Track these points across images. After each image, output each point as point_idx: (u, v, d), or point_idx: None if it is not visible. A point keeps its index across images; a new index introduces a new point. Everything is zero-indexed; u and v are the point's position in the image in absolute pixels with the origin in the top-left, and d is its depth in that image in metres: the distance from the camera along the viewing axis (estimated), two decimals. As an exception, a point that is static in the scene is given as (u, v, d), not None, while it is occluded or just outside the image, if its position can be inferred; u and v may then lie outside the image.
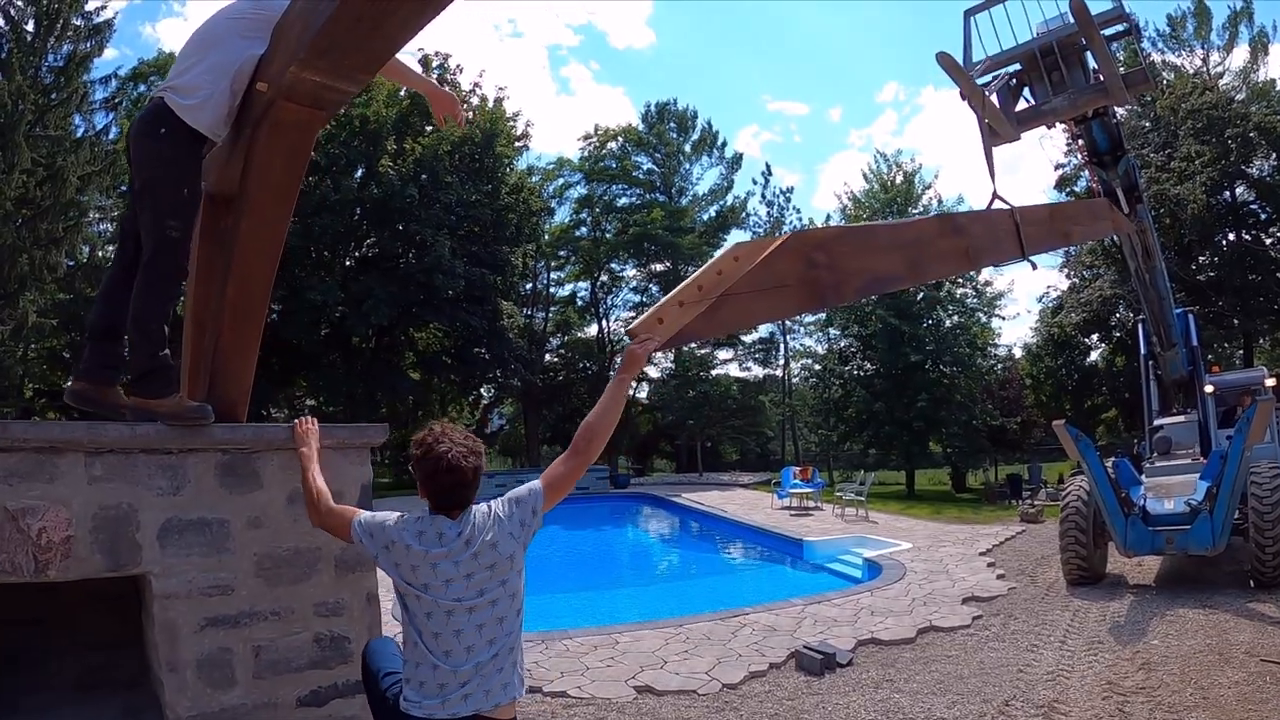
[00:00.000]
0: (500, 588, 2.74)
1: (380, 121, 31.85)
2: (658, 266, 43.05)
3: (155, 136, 3.64)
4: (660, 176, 44.20)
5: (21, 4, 26.75)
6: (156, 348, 3.65)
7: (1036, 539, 14.90)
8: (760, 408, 43.62)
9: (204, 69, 3.66)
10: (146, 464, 3.46)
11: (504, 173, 35.66)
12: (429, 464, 2.79)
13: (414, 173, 31.46)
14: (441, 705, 2.65)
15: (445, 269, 30.55)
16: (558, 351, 45.31)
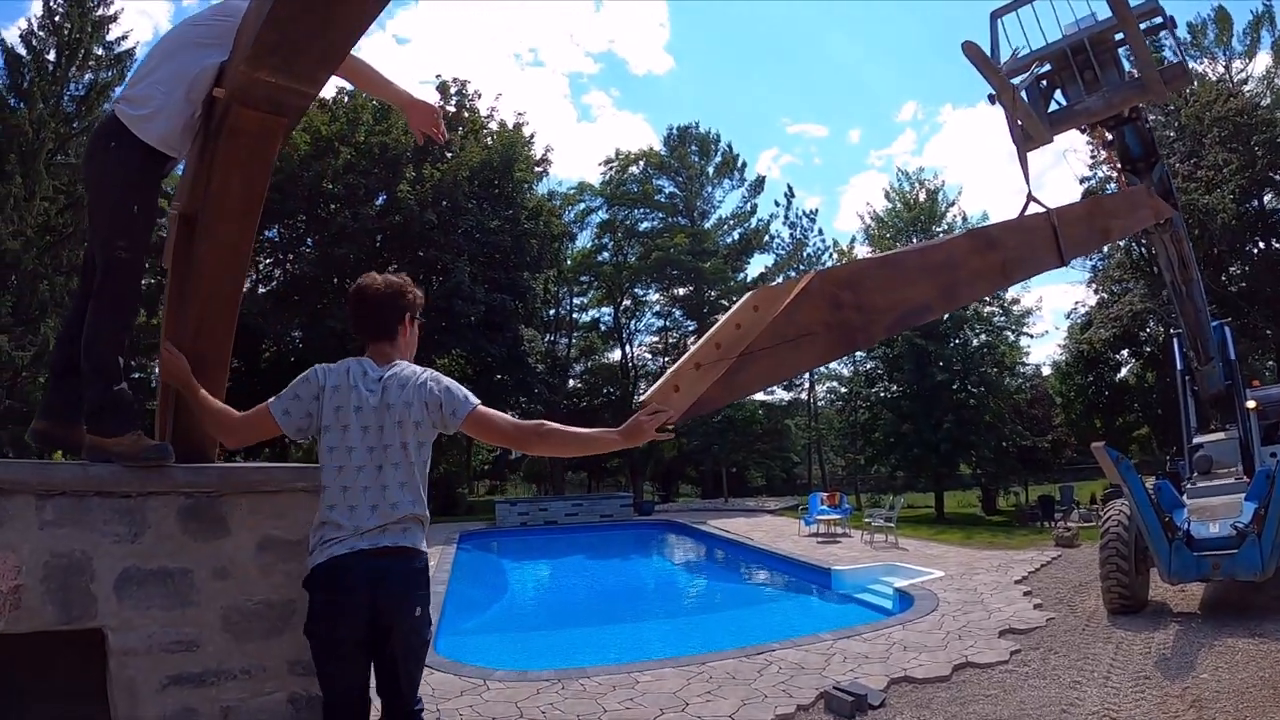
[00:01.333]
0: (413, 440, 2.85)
1: (399, 148, 31.91)
2: (681, 291, 43.00)
3: (104, 151, 3.41)
4: (682, 200, 44.04)
5: (44, 34, 27.13)
6: (110, 380, 3.36)
7: (1073, 565, 14.40)
8: (786, 432, 43.13)
9: (157, 79, 3.43)
10: (102, 508, 3.15)
11: (524, 197, 35.75)
12: (349, 301, 3.06)
13: (433, 199, 31.53)
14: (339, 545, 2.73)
15: (465, 295, 30.60)
16: (581, 377, 45.19)
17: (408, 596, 2.80)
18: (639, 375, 43.80)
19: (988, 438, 26.94)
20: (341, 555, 2.71)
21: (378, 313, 2.96)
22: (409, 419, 2.80)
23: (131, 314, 3.54)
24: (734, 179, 45.61)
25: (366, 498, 2.76)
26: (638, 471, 41.15)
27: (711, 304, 42.32)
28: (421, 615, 2.84)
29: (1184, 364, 13.22)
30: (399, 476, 2.81)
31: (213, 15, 3.56)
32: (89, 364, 3.35)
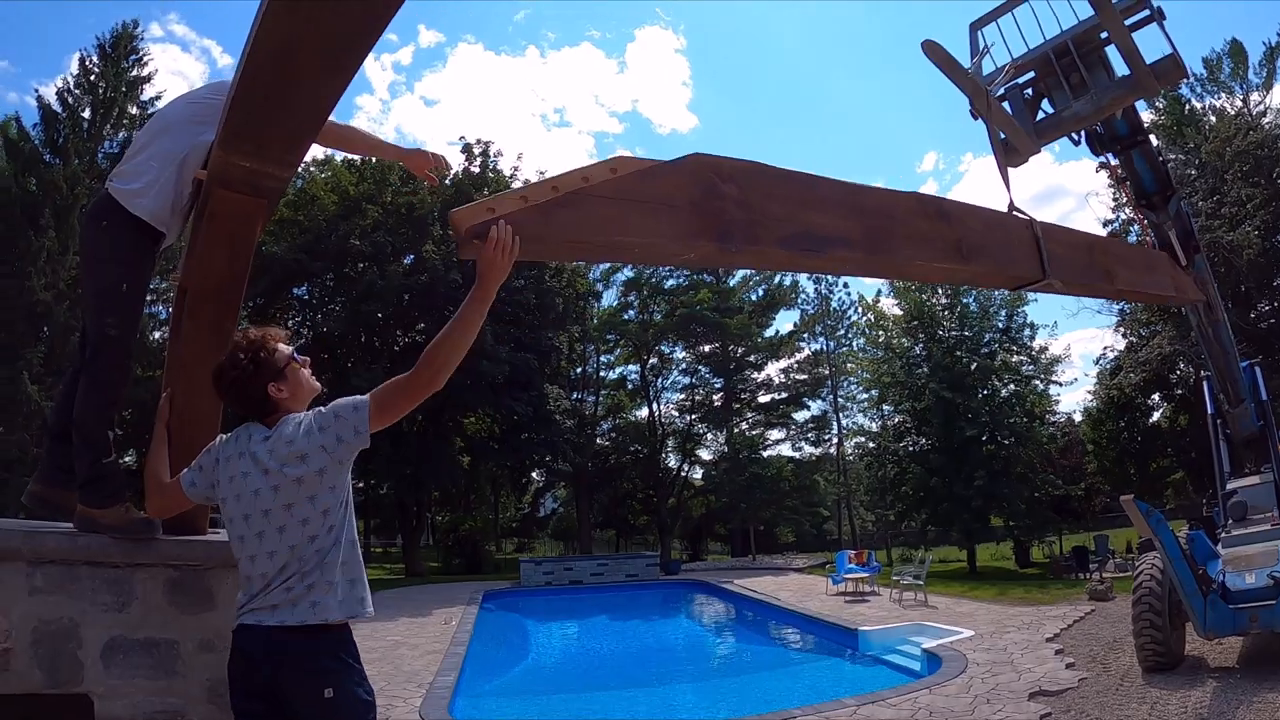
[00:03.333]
0: (308, 504, 2.58)
1: (425, 209, 32.44)
2: (706, 348, 42.94)
3: (96, 228, 3.48)
4: (707, 257, 44.04)
5: (79, 92, 27.84)
6: (99, 454, 3.40)
7: (1107, 619, 14.05)
8: (815, 488, 42.83)
9: (149, 154, 3.50)
10: (90, 577, 3.21)
11: None
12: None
13: (458, 258, 31.68)
14: (250, 614, 2.57)
15: (489, 355, 30.63)
16: (609, 435, 44.92)
17: (315, 675, 2.55)
18: (667, 432, 43.65)
19: (1020, 489, 26.48)
20: (248, 625, 2.58)
21: (240, 395, 2.73)
22: (307, 472, 2.58)
23: (120, 390, 3.55)
24: (759, 234, 45.61)
25: (269, 567, 2.56)
26: (665, 529, 40.88)
27: (738, 360, 42.35)
28: (337, 697, 2.56)
29: (1215, 407, 12.91)
30: (301, 540, 2.56)
31: (208, 93, 3.64)
32: (79, 437, 3.38)
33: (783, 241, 3.40)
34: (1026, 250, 4.46)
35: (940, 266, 4.03)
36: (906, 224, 3.87)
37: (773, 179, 3.45)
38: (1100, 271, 5.16)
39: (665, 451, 43.46)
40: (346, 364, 32.67)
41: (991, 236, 4.31)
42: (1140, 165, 8.76)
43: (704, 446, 43.93)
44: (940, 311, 29.31)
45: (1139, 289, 5.95)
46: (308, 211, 33.42)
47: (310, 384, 2.89)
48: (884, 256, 3.83)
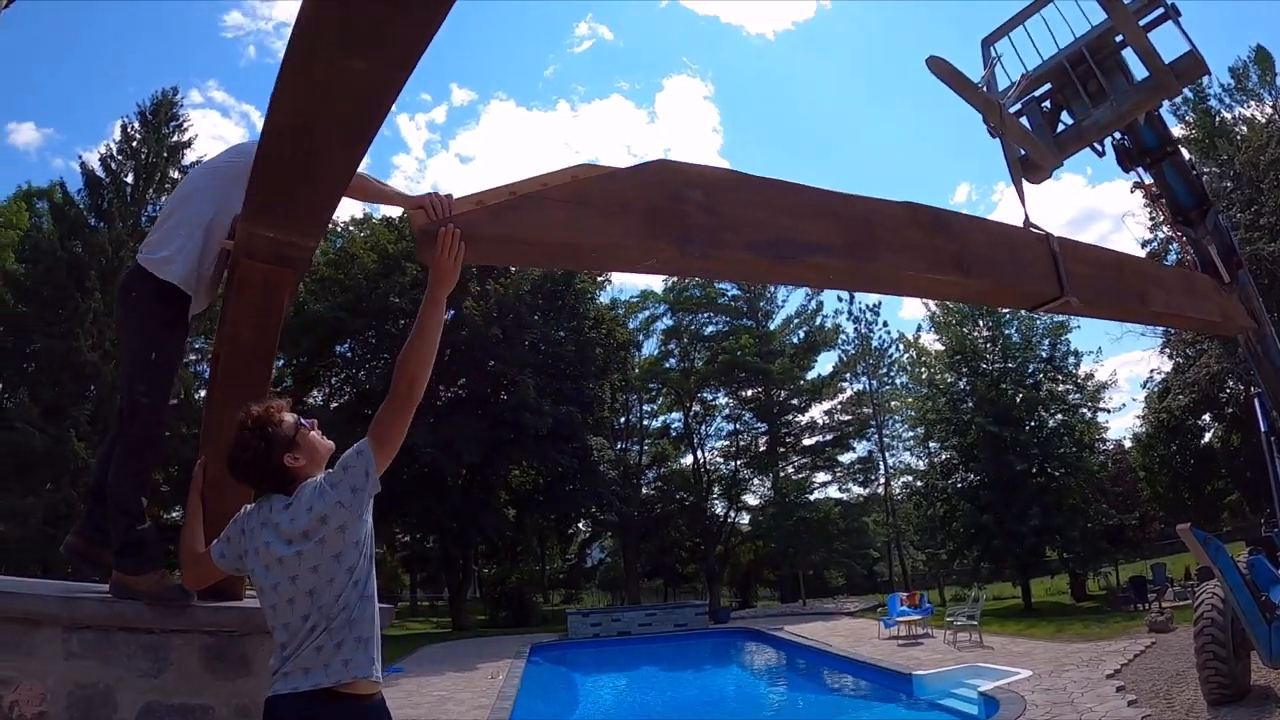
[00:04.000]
0: (334, 563, 2.59)
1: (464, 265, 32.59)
2: (749, 393, 42.81)
3: (127, 300, 3.58)
4: (746, 302, 44.13)
5: (122, 158, 28.60)
6: (133, 520, 3.43)
7: (1169, 651, 13.63)
8: (863, 529, 42.24)
9: (175, 222, 3.58)
10: (126, 643, 3.22)
11: (586, 308, 36.25)
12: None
13: (497, 313, 32.12)
14: (283, 680, 2.55)
15: (532, 407, 30.83)
16: (654, 484, 44.80)
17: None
18: (712, 479, 43.45)
19: (1073, 520, 25.94)
20: (280, 695, 2.56)
21: (259, 474, 2.73)
22: (329, 532, 2.59)
23: (152, 457, 3.60)
24: (797, 278, 45.49)
25: (300, 630, 2.55)
26: (714, 577, 40.55)
27: (781, 404, 42.14)
28: None
29: (1268, 425, 12.51)
30: (329, 600, 2.57)
31: (228, 157, 3.75)
32: (113, 504, 3.43)
33: (751, 246, 3.31)
34: (1041, 266, 4.26)
35: (935, 278, 3.86)
36: (896, 233, 3.73)
37: (743, 186, 3.39)
38: (1131, 293, 4.85)
39: (711, 498, 43.24)
40: (390, 418, 32.84)
41: (998, 251, 4.14)
42: (1173, 178, 8.46)
43: (750, 492, 43.70)
44: (982, 344, 29.01)
45: (1178, 313, 5.55)
46: (348, 270, 33.94)
47: (324, 445, 2.88)
48: (868, 265, 3.67)
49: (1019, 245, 4.28)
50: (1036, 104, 7.35)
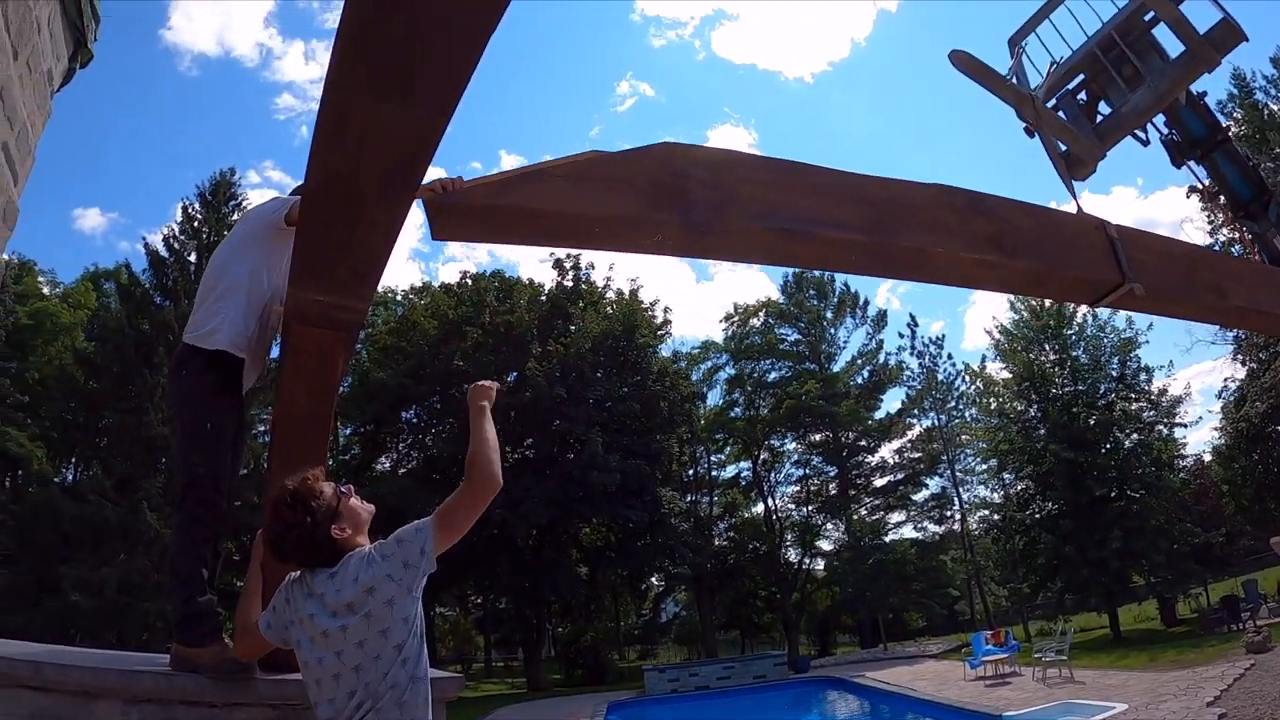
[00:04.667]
0: (380, 639, 2.50)
1: (523, 326, 33.26)
2: (817, 437, 42.35)
3: (178, 378, 3.71)
4: (807, 346, 44.01)
5: (184, 238, 29.47)
6: (192, 591, 3.43)
7: (1269, 672, 13.10)
8: (941, 568, 41.36)
9: (212, 299, 3.69)
10: (187, 717, 3.19)
11: (649, 362, 36.43)
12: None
13: (560, 373, 32.41)
14: None
15: (600, 465, 30.96)
16: (726, 534, 44.43)
17: None
18: (785, 526, 42.99)
19: (1157, 542, 25.18)
20: None
21: (308, 551, 2.64)
22: (376, 605, 2.52)
23: (211, 527, 3.59)
24: (856, 317, 45.22)
25: (346, 707, 2.50)
26: (791, 626, 39.96)
27: (850, 446, 41.66)
28: None
29: None
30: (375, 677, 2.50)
31: (242, 229, 3.95)
32: (171, 575, 3.53)
33: (759, 218, 3.17)
34: (1098, 253, 3.89)
35: (973, 258, 3.56)
36: (924, 212, 3.49)
37: (750, 164, 3.28)
38: (1206, 287, 4.37)
39: (785, 546, 42.75)
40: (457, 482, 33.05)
41: (1046, 235, 3.82)
42: (1227, 169, 8.00)
43: (824, 537, 43.16)
44: (1050, 369, 28.47)
45: (1263, 309, 4.78)
46: (410, 337, 34.72)
47: (365, 510, 2.82)
48: (892, 243, 3.40)
49: (1071, 230, 3.97)
50: (1071, 96, 7.08)
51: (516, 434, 33.65)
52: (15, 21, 5.58)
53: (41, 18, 6.15)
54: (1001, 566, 32.82)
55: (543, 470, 32.36)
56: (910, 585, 38.71)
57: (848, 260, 3.60)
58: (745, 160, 3.27)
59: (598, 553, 36.55)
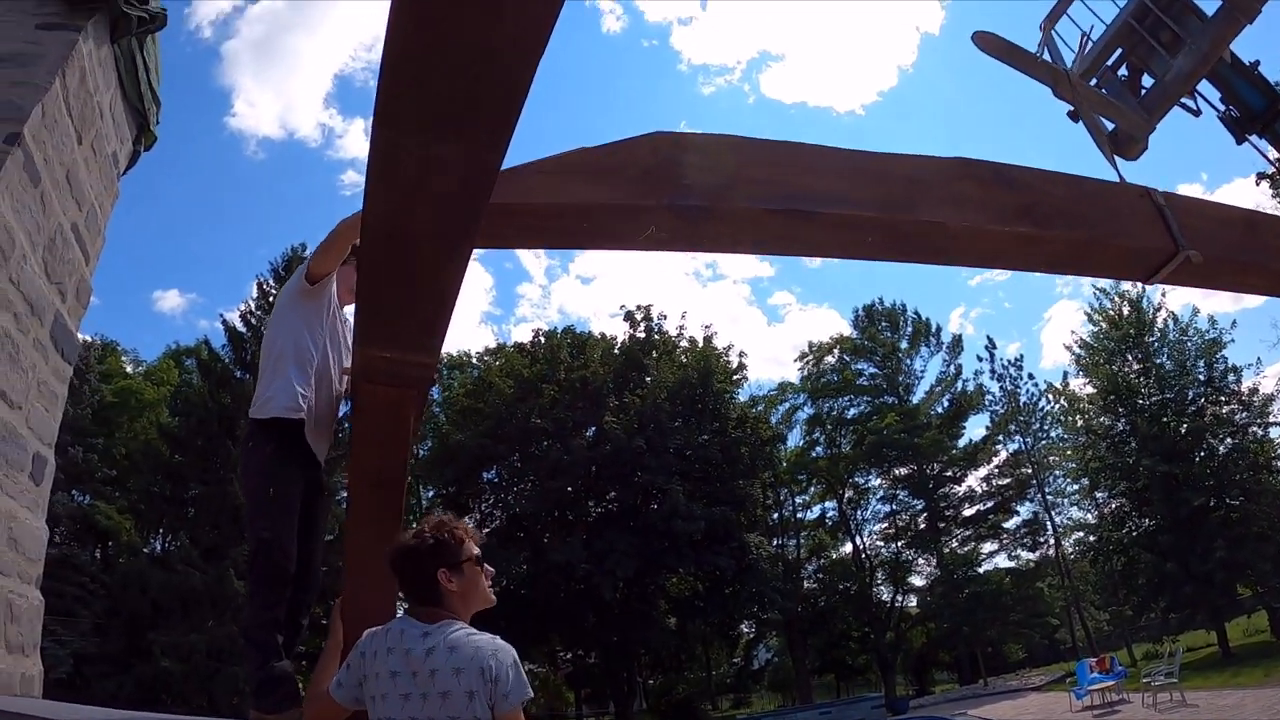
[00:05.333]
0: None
1: (599, 381, 33.57)
2: (901, 471, 41.65)
3: (245, 451, 3.90)
4: (884, 379, 43.70)
5: (260, 312, 30.47)
6: (267, 657, 3.48)
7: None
8: (1039, 596, 40.13)
9: (267, 372, 3.90)
10: (261, 780, 3.26)
11: (726, 408, 36.63)
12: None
13: (638, 424, 32.68)
14: None
15: (683, 514, 31.25)
16: (814, 576, 44.09)
17: None
18: (874, 564, 42.36)
19: (1262, 550, 24.45)
20: None
21: (411, 573, 2.64)
22: (458, 688, 2.41)
23: (280, 591, 3.65)
24: (931, 346, 44.76)
25: None
26: (887, 666, 39.23)
27: (935, 478, 40.88)
28: None
29: None
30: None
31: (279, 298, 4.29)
32: (245, 641, 3.57)
33: (759, 200, 2.95)
34: (1144, 221, 3.52)
35: (1002, 232, 3.24)
36: (945, 187, 3.20)
37: (747, 147, 3.05)
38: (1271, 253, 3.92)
39: (876, 584, 42.14)
40: (542, 540, 33.47)
41: (1084, 204, 3.45)
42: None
43: (915, 573, 42.43)
44: (1135, 379, 27.74)
45: None
46: (486, 399, 35.46)
47: (485, 593, 2.74)
48: (908, 218, 3.13)
49: (1112, 197, 3.60)
50: (1112, 72, 6.86)
51: (598, 488, 34.09)
52: (78, 107, 5.93)
53: (104, 103, 6.56)
54: (1101, 590, 31.99)
55: (626, 523, 32.71)
56: (1007, 616, 37.85)
57: (864, 243, 3.28)
58: (745, 143, 3.08)
59: (686, 603, 36.37)
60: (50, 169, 5.64)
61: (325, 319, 4.07)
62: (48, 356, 5.97)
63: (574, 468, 32.59)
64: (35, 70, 5.48)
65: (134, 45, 6.80)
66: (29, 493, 5.67)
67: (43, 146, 5.47)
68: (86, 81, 6.06)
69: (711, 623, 37.48)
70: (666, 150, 2.91)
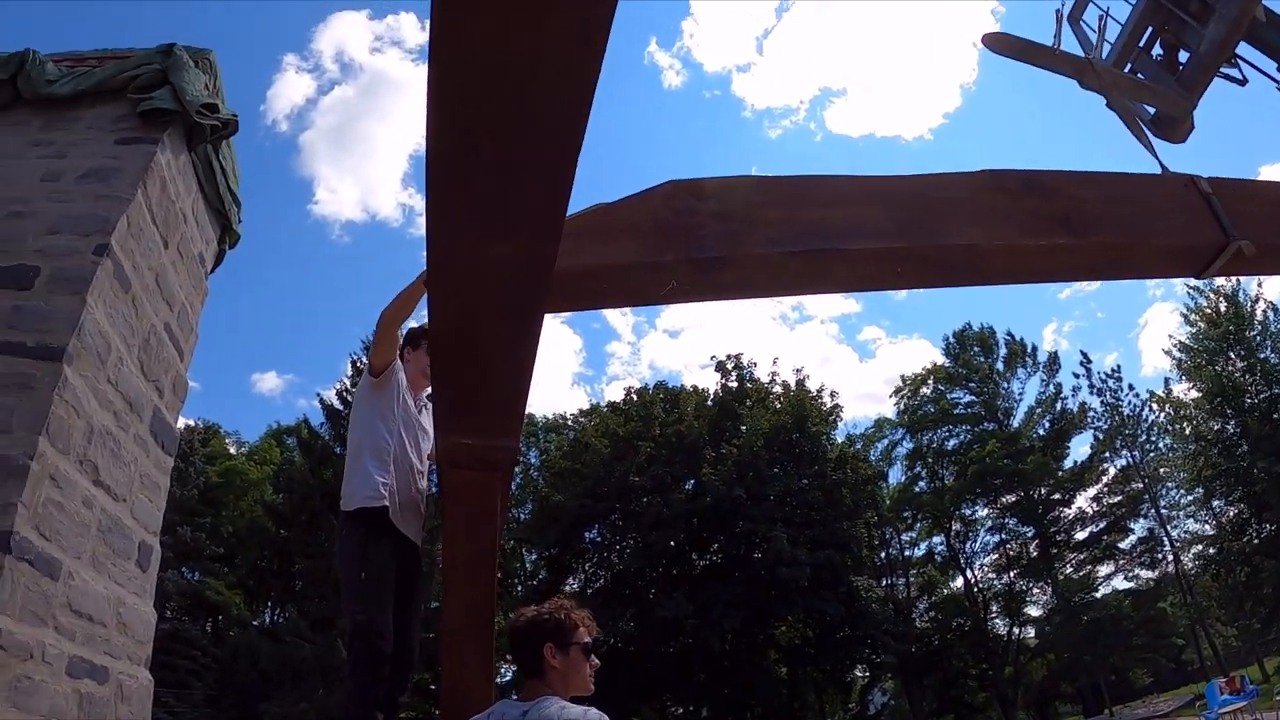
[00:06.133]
0: None
1: (694, 434, 33.83)
2: (1008, 498, 40.72)
3: (338, 540, 4.29)
4: (982, 405, 43.03)
5: (355, 389, 31.29)
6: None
7: None
8: (1161, 616, 38.57)
9: (349, 467, 4.28)
10: None
11: (824, 450, 36.70)
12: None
13: (737, 474, 32.82)
14: None
15: (788, 560, 31.41)
16: (926, 614, 43.23)
17: None
18: (987, 598, 41.23)
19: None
20: None
21: (520, 640, 2.78)
22: None
23: (377, 671, 3.86)
24: (1026, 366, 43.79)
25: None
26: (1008, 702, 38.20)
27: (1044, 502, 39.72)
28: None
29: None
30: None
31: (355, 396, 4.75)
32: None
33: (776, 242, 2.86)
34: (1190, 213, 3.33)
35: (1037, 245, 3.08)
36: (973, 204, 3.08)
37: (768, 186, 2.98)
38: None
39: (990, 618, 40.99)
40: (648, 596, 33.51)
41: (1120, 204, 3.28)
42: None
43: (1030, 603, 41.23)
44: (1240, 377, 26.84)
45: None
46: (583, 459, 36.23)
47: (585, 680, 2.83)
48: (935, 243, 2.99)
49: (1152, 193, 3.41)
50: (1145, 54, 6.53)
51: (700, 541, 34.34)
52: (161, 214, 6.39)
53: (186, 208, 7.01)
54: (1226, 604, 30.87)
55: (730, 573, 33.04)
56: (1130, 641, 36.63)
57: (893, 274, 3.16)
58: (759, 183, 3.01)
59: (796, 650, 35.98)
60: (139, 275, 6.07)
61: (397, 406, 4.36)
62: (148, 450, 6.36)
63: (675, 522, 33.21)
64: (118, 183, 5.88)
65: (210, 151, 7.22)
66: (136, 579, 6.05)
67: (130, 254, 5.90)
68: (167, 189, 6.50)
69: (823, 669, 37.06)
70: (681, 200, 2.87)
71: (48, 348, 5.04)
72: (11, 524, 4.44)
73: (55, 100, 6.42)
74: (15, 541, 4.39)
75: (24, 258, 5.48)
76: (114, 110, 6.42)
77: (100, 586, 5.40)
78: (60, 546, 4.86)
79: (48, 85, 6.43)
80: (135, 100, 6.35)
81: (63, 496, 4.93)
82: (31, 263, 5.44)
